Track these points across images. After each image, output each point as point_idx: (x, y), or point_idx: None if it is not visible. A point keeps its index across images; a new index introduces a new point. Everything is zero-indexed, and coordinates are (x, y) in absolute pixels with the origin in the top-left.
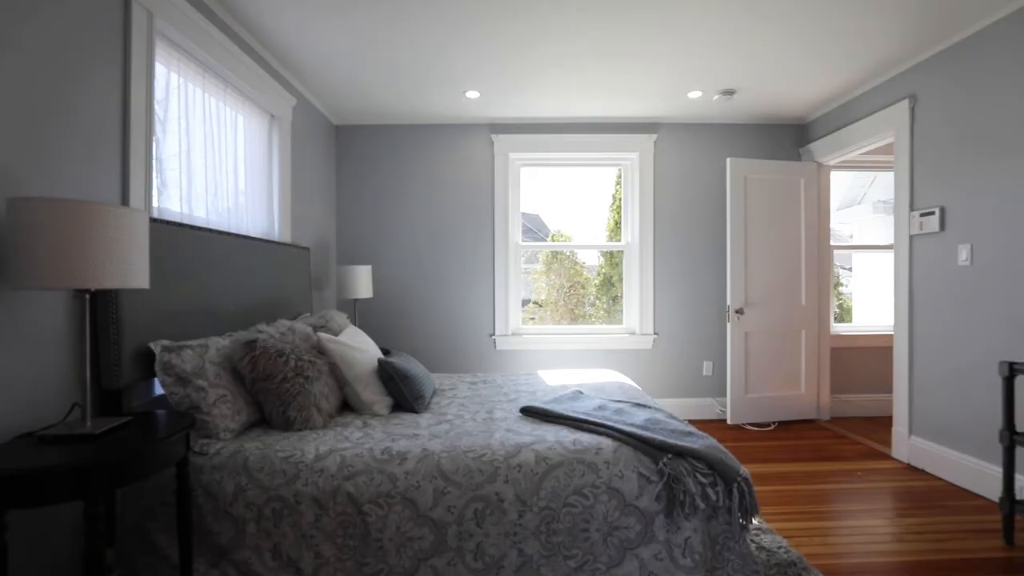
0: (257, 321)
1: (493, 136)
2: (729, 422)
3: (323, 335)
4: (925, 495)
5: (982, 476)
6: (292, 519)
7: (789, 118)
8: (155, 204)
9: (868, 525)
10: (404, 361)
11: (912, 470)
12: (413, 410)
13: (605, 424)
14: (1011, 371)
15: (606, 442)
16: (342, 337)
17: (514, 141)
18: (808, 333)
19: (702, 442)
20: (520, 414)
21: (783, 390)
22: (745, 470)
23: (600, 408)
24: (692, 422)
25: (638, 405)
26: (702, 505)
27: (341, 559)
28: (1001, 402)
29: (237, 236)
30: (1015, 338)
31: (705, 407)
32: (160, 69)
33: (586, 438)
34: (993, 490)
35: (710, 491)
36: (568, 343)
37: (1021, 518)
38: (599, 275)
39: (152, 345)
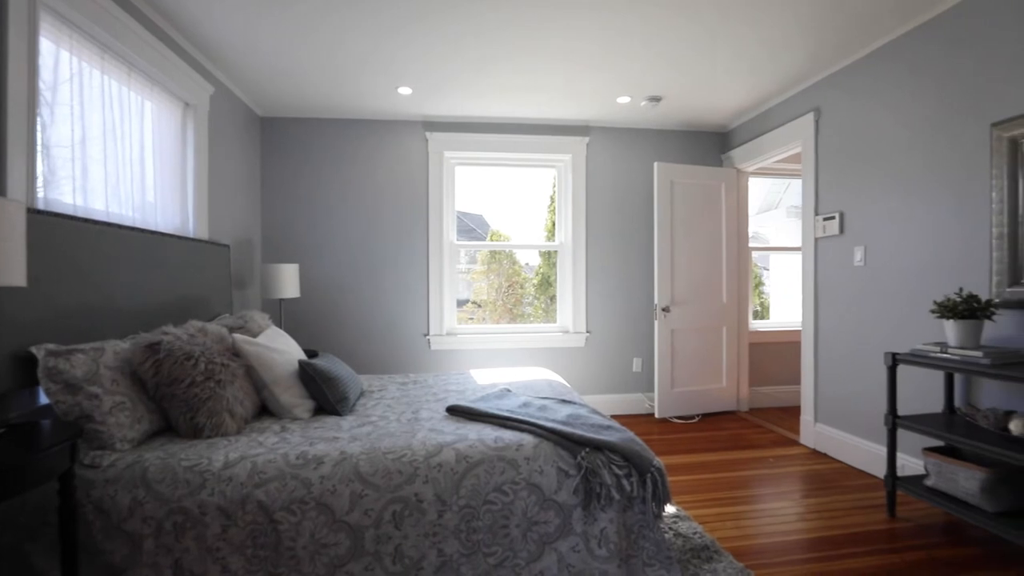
0: (166, 322)
1: (427, 134)
2: (657, 416)
3: (239, 336)
4: (826, 477)
5: (873, 457)
6: (196, 532)
7: (712, 126)
8: (41, 195)
9: (775, 507)
10: (328, 362)
11: (817, 454)
12: (337, 412)
13: (527, 421)
14: (894, 361)
15: (527, 438)
16: (261, 339)
17: (449, 139)
18: (729, 330)
19: (619, 435)
20: (446, 414)
21: (706, 384)
22: (659, 461)
23: (525, 405)
24: (622, 417)
25: (563, 401)
26: (617, 496)
27: (251, 571)
28: (885, 389)
29: (143, 231)
30: (900, 331)
31: (635, 402)
32: (47, 46)
33: (508, 435)
34: (882, 469)
35: (625, 482)
36: (504, 342)
37: (903, 493)
38: (537, 275)
39: (34, 349)
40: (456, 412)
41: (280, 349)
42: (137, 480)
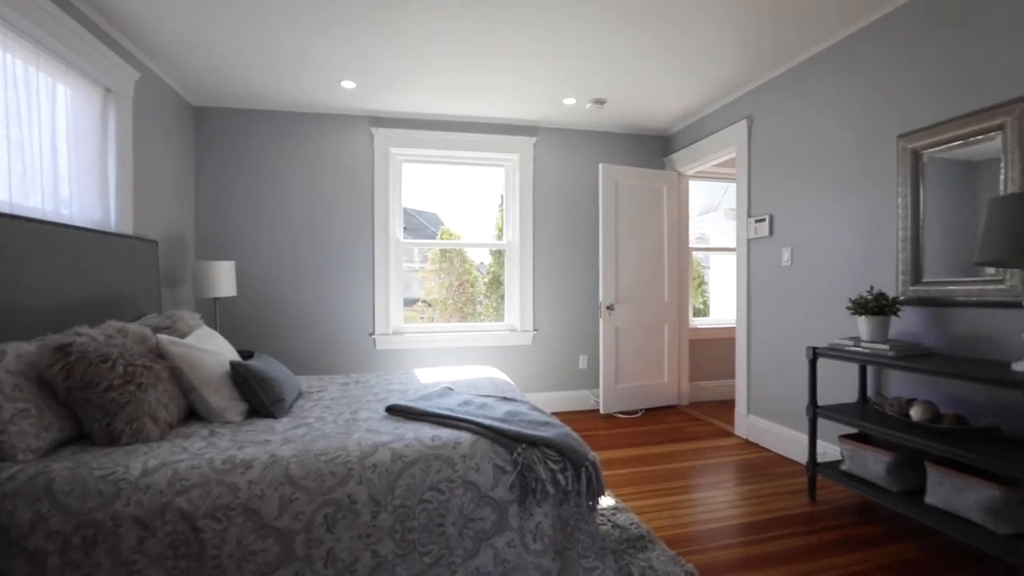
0: (82, 323)
1: (373, 129)
2: (602, 412)
3: (164, 337)
4: (756, 465)
5: (798, 445)
6: (109, 545)
7: (655, 130)
8: None
9: (708, 496)
10: (262, 363)
11: (749, 445)
12: (272, 415)
13: (466, 419)
14: (814, 355)
15: (465, 436)
16: (190, 339)
17: (395, 135)
18: (670, 327)
19: (556, 431)
20: (386, 414)
21: (649, 380)
22: (594, 455)
23: (465, 404)
24: (569, 413)
25: (504, 399)
26: (552, 491)
27: None
28: (807, 381)
29: (55, 225)
30: (823, 327)
31: (581, 399)
32: None
33: (446, 433)
34: (806, 456)
35: (560, 476)
36: (451, 341)
37: (822, 478)
38: (489, 273)
39: None
40: (396, 412)
41: (210, 350)
42: (40, 492)
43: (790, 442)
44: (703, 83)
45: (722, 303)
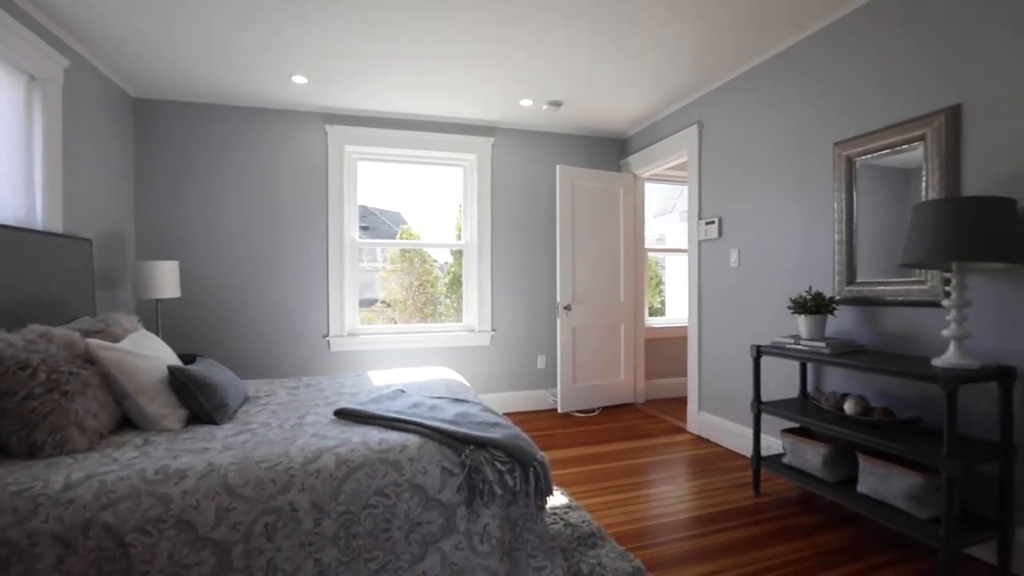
0: (0, 327)
1: (327, 126)
2: (559, 411)
3: (94, 341)
4: (706, 460)
5: (745, 440)
6: (24, 566)
7: (611, 132)
8: None
9: (659, 491)
10: (204, 367)
11: (700, 440)
12: (213, 421)
13: (414, 421)
14: (758, 352)
15: (412, 439)
16: (124, 343)
17: (350, 133)
18: (627, 326)
19: (504, 432)
20: (334, 417)
21: (606, 379)
22: (542, 455)
23: (415, 406)
24: (527, 413)
25: (456, 400)
26: (500, 492)
27: None
28: (752, 378)
29: None
30: (768, 325)
31: (539, 398)
32: None
33: (393, 436)
34: (751, 450)
35: (508, 477)
36: (409, 342)
37: (766, 471)
38: (449, 274)
39: None
40: (344, 415)
41: (147, 354)
42: None
43: (738, 437)
44: (657, 88)
45: (678, 303)
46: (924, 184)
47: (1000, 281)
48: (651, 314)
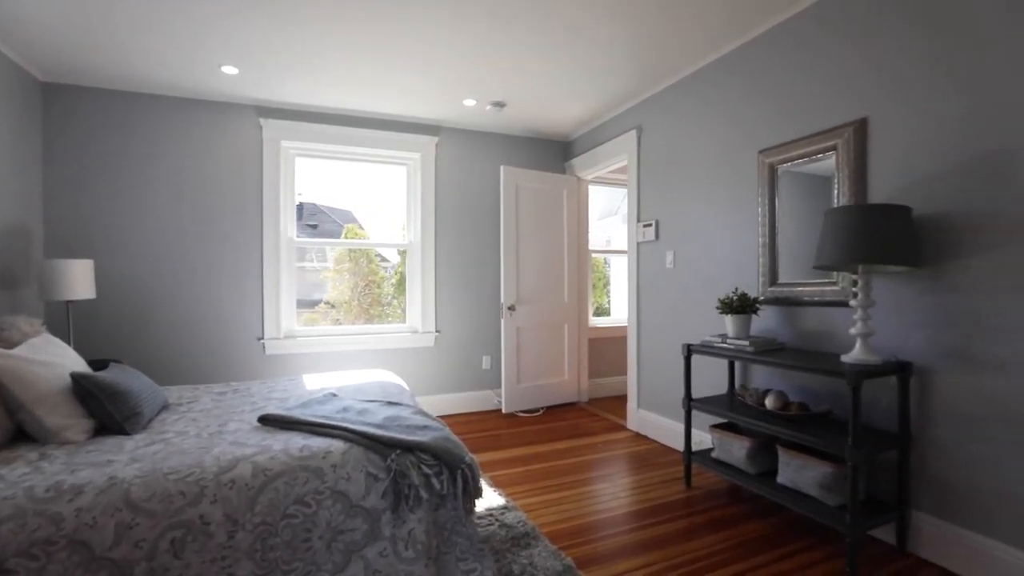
0: None
1: (261, 120)
2: (504, 411)
3: None
4: (643, 457)
5: (679, 436)
6: None
7: (556, 134)
8: None
9: (595, 489)
10: (115, 374)
11: (639, 437)
12: (124, 431)
13: (340, 426)
14: (689, 351)
15: (337, 445)
16: (20, 349)
17: (287, 128)
18: (570, 326)
19: (433, 434)
20: (258, 424)
21: (550, 378)
22: (471, 457)
23: (345, 410)
24: (472, 414)
25: (389, 403)
26: (426, 496)
27: None
28: (683, 376)
29: None
30: (700, 325)
31: (484, 399)
32: None
33: (317, 443)
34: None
35: (435, 481)
36: (350, 344)
37: (697, 465)
38: (396, 274)
39: None
40: (268, 422)
41: (47, 361)
42: None
43: (674, 433)
44: (599, 92)
45: (622, 303)
46: (836, 191)
47: (899, 283)
48: (598, 314)
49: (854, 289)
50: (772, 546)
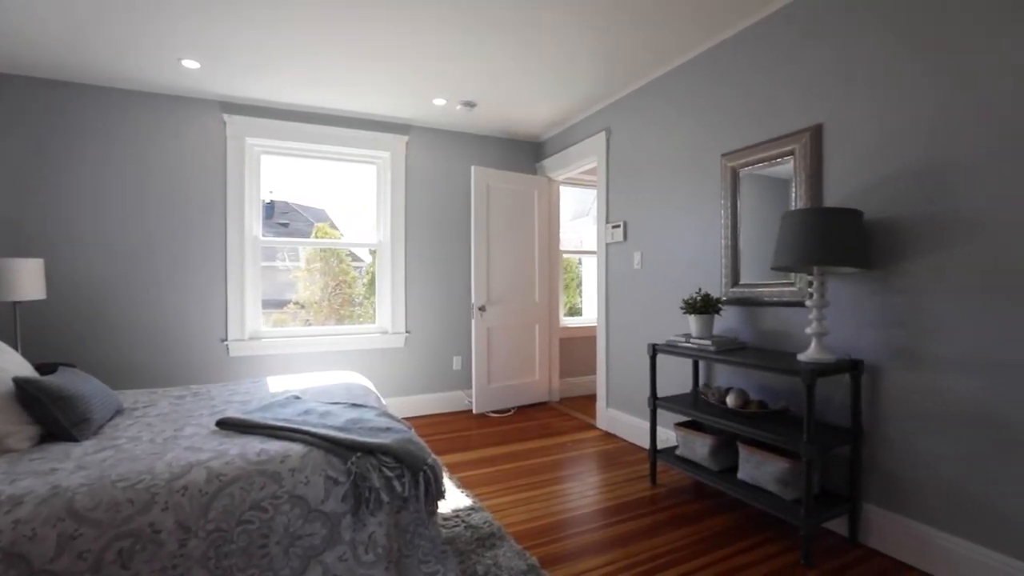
0: None
1: (225, 116)
2: (475, 411)
3: None
4: (611, 455)
5: (646, 434)
6: None
7: (527, 135)
8: None
9: (563, 488)
10: (64, 378)
11: (608, 436)
12: (72, 438)
13: (300, 429)
14: (654, 351)
15: (296, 448)
16: None
17: (252, 124)
18: (541, 326)
19: (395, 437)
20: (216, 428)
21: (521, 378)
22: (433, 458)
23: (306, 413)
24: (443, 415)
25: (353, 406)
26: (387, 499)
27: None
28: (648, 375)
29: None
30: (667, 325)
31: (455, 400)
32: None
33: (275, 446)
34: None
35: (396, 483)
36: (319, 345)
37: (662, 463)
38: (368, 273)
39: None
40: (227, 425)
41: None
42: None
43: (641, 432)
44: (568, 94)
45: (593, 303)
46: (794, 194)
47: (851, 284)
48: (572, 314)
49: (810, 290)
50: (732, 541)
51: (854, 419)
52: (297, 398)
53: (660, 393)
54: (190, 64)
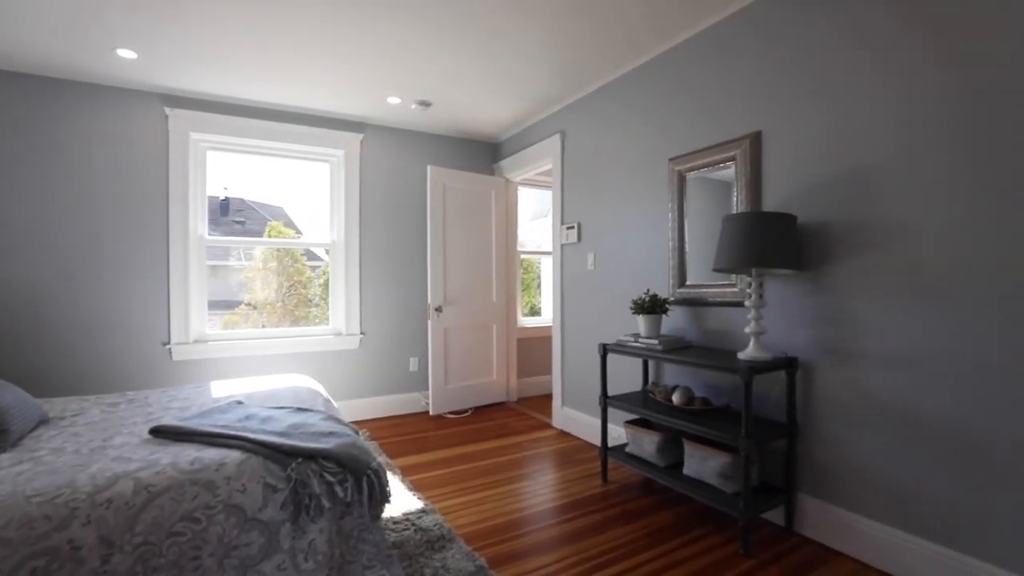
0: None
1: (167, 109)
2: (431, 413)
3: None
4: (565, 453)
5: (599, 432)
6: None
7: (485, 136)
8: None
9: (516, 488)
10: None
11: (563, 435)
12: None
13: (239, 436)
14: (604, 350)
15: (233, 455)
16: None
17: (197, 119)
18: (499, 326)
19: (338, 440)
20: (149, 436)
21: (479, 379)
22: (377, 462)
23: (247, 418)
24: (399, 417)
25: (299, 410)
26: (328, 504)
27: None
28: (599, 374)
29: None
30: (619, 325)
31: (412, 401)
32: None
33: (211, 454)
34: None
35: (338, 489)
36: (270, 347)
37: (613, 460)
38: (324, 274)
39: None
40: (161, 433)
41: None
42: None
43: (595, 430)
44: (524, 96)
45: (551, 303)
46: (735, 198)
47: (787, 284)
48: (532, 314)
49: (748, 291)
50: (677, 534)
51: (789, 414)
52: (240, 403)
53: (612, 392)
54: (126, 54)
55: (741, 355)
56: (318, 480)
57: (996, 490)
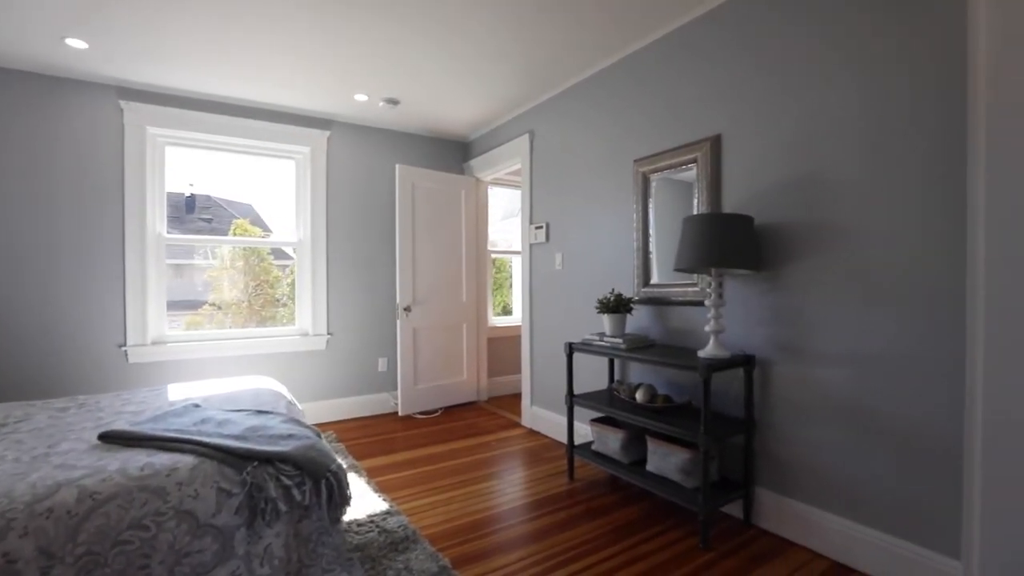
0: None
1: (123, 103)
2: (400, 413)
3: None
4: (533, 452)
5: (566, 430)
6: None
7: (455, 135)
8: None
9: (483, 487)
10: None
11: (532, 433)
12: None
13: (193, 440)
14: (571, 349)
15: (186, 460)
16: None
17: (154, 113)
18: (469, 326)
19: (296, 443)
20: (98, 442)
21: (448, 379)
22: (337, 465)
23: (203, 422)
24: (368, 418)
25: (258, 413)
26: (285, 508)
27: None
28: (566, 373)
29: None
30: (585, 324)
31: (381, 402)
32: None
33: (163, 459)
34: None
35: (295, 492)
36: (234, 349)
37: (579, 458)
38: (291, 273)
39: None
40: (111, 439)
41: None
42: None
43: (562, 428)
44: (492, 96)
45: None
46: (696, 199)
47: (745, 284)
48: (504, 314)
49: (709, 290)
50: (640, 529)
51: (747, 410)
52: (196, 406)
53: (580, 390)
54: (76, 43)
55: (701, 353)
56: (275, 483)
57: (937, 482)
